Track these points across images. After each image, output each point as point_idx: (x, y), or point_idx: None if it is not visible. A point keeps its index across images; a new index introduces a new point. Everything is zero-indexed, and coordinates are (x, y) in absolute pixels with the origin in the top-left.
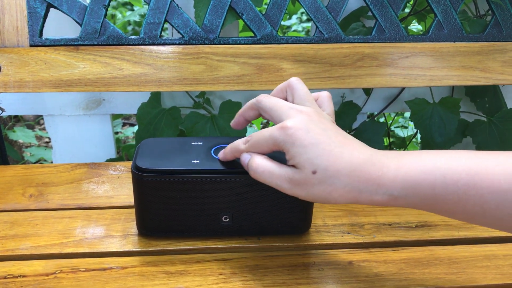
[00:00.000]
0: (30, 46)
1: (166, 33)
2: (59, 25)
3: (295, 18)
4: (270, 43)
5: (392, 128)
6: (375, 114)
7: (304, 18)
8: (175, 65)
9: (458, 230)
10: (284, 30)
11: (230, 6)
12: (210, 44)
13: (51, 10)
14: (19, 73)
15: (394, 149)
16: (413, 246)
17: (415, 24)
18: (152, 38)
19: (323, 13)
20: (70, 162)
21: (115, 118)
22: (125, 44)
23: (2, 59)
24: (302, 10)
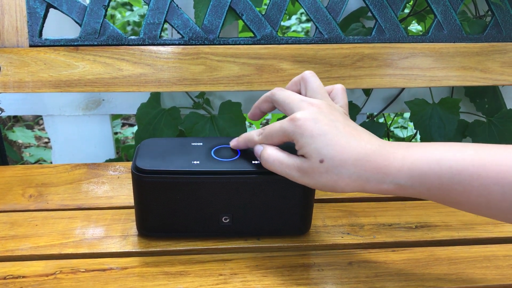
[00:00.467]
0: (30, 46)
1: (166, 33)
2: (59, 25)
3: (295, 18)
4: (270, 44)
5: (391, 128)
6: (375, 114)
7: (303, 18)
8: (175, 65)
9: (458, 230)
10: (283, 31)
11: (230, 7)
12: (210, 44)
13: (51, 10)
14: (19, 73)
15: None
16: (413, 246)
17: (415, 24)
18: (151, 38)
19: (323, 13)
20: (69, 163)
21: (115, 118)
22: (124, 44)
23: (2, 59)
24: (301, 11)
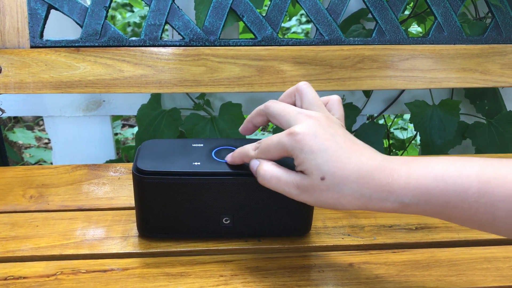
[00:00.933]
0: (31, 47)
1: (166, 34)
2: (60, 26)
3: (295, 19)
4: (271, 45)
5: (391, 130)
6: (375, 116)
7: (303, 19)
8: (176, 66)
9: (458, 232)
10: (283, 32)
11: (231, 8)
12: (211, 45)
13: (52, 11)
14: (20, 74)
15: (393, 151)
16: (413, 248)
17: (415, 26)
18: (152, 39)
19: (324, 15)
20: (69, 163)
21: (115, 119)
22: (125, 45)
23: (3, 60)
24: (301, 12)
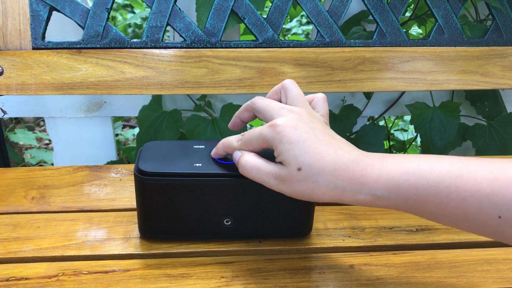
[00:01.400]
0: (33, 49)
1: (168, 36)
2: (62, 28)
3: (295, 20)
4: (272, 47)
5: (392, 131)
6: (376, 117)
7: (303, 21)
8: (177, 68)
9: (459, 234)
10: (284, 33)
11: (232, 10)
12: (212, 47)
13: (54, 13)
14: (22, 75)
15: (394, 152)
16: (414, 249)
17: (415, 28)
18: (154, 41)
19: (324, 17)
20: (70, 164)
21: (116, 120)
22: (127, 47)
23: (5, 62)
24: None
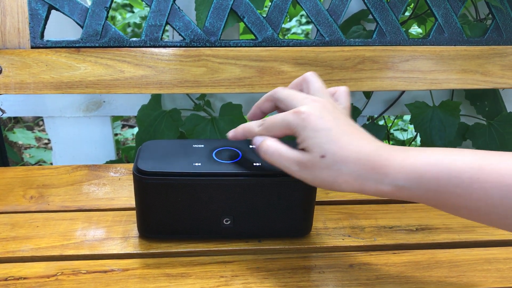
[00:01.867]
0: (31, 47)
1: (167, 35)
2: (61, 27)
3: (294, 20)
4: (271, 46)
5: (391, 131)
6: (375, 117)
7: (303, 20)
8: (176, 67)
9: (459, 233)
10: (283, 33)
11: (232, 9)
12: (211, 46)
13: (53, 12)
14: (20, 74)
15: None
16: (413, 249)
17: (415, 27)
18: (153, 40)
19: (324, 16)
20: (69, 164)
21: (115, 120)
22: (126, 46)
23: (3, 61)
24: (301, 13)
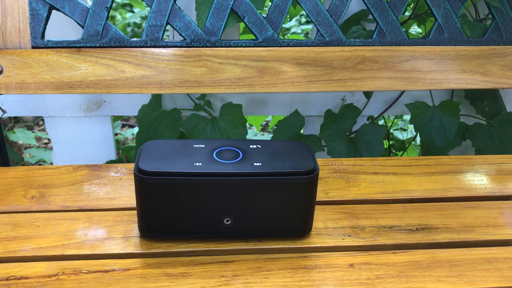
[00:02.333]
0: (32, 48)
1: (167, 35)
2: (61, 27)
3: (294, 20)
4: (272, 46)
5: (391, 130)
6: (375, 116)
7: (303, 20)
8: (177, 67)
9: (459, 233)
10: (283, 33)
11: (232, 9)
12: (212, 46)
13: (53, 12)
14: (21, 74)
15: (393, 152)
16: (413, 249)
17: (415, 27)
18: (154, 40)
19: (324, 16)
20: (70, 164)
21: (115, 119)
22: (127, 46)
23: (4, 61)
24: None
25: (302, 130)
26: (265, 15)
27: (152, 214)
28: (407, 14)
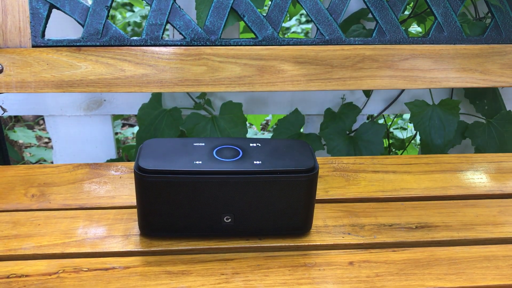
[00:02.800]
0: (33, 46)
1: (167, 34)
2: (61, 26)
3: (294, 19)
4: (271, 45)
5: (391, 129)
6: (375, 115)
7: (303, 19)
8: (177, 66)
9: (458, 231)
10: (283, 32)
11: (232, 8)
12: (212, 45)
13: (54, 11)
14: (21, 73)
15: (393, 150)
16: (413, 246)
17: (415, 26)
18: (154, 39)
19: (324, 15)
20: (70, 163)
21: (115, 118)
22: (127, 45)
23: (5, 60)
24: (301, 12)
25: (302, 129)
26: (265, 14)
27: (152, 212)
28: (407, 13)
